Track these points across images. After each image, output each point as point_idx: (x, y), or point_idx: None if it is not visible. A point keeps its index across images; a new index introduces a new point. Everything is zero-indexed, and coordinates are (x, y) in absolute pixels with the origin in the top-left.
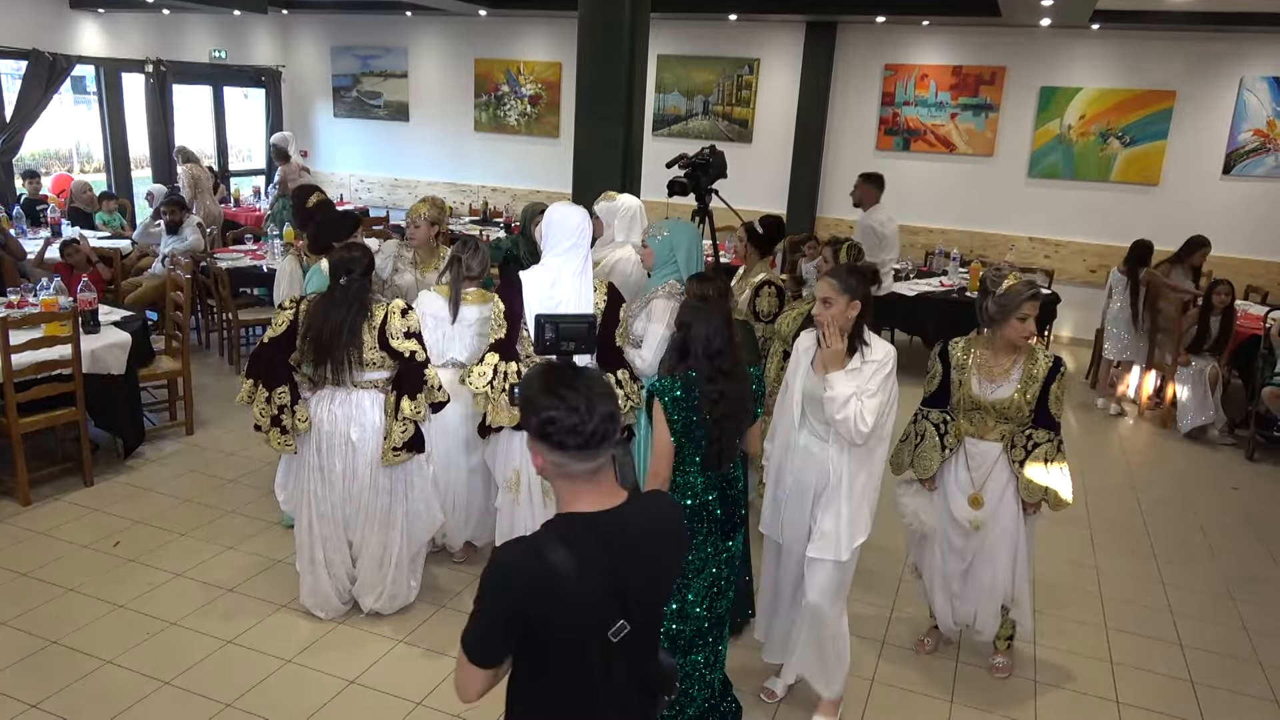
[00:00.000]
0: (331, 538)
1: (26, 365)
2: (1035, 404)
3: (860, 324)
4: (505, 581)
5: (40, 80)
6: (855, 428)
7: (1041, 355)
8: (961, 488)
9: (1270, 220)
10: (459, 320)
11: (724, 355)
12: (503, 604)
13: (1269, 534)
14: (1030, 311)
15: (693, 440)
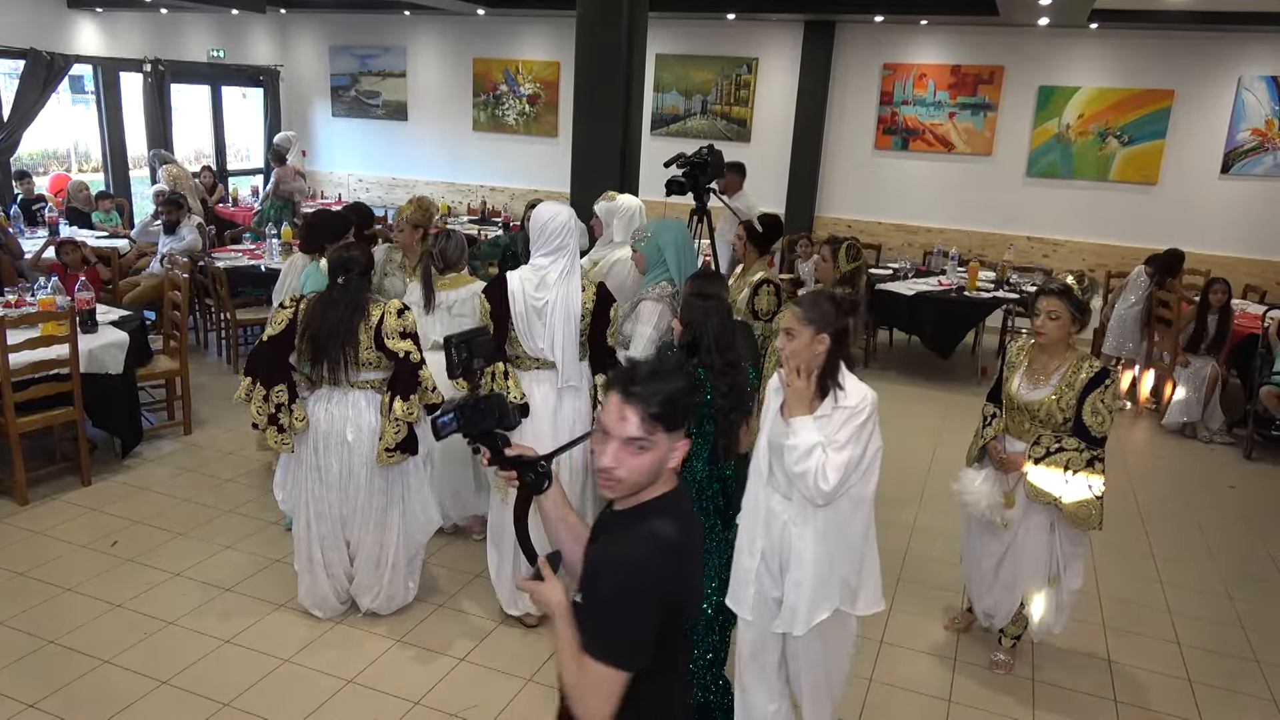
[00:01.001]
0: (329, 537)
1: (24, 365)
2: (1073, 412)
3: (835, 362)
4: (645, 568)
5: (38, 79)
6: (815, 484)
7: (1088, 365)
8: (999, 486)
9: (1268, 219)
10: (437, 305)
11: (732, 349)
12: (648, 592)
13: (1267, 533)
14: (1044, 307)
15: (702, 435)
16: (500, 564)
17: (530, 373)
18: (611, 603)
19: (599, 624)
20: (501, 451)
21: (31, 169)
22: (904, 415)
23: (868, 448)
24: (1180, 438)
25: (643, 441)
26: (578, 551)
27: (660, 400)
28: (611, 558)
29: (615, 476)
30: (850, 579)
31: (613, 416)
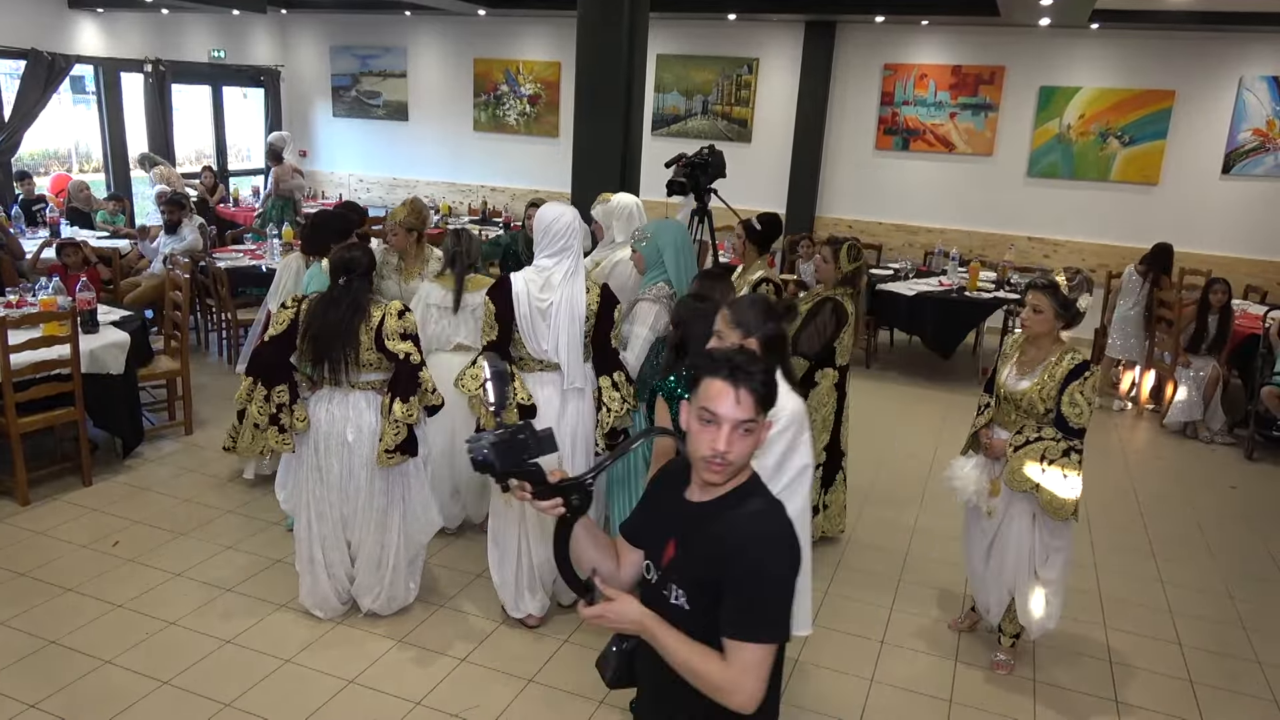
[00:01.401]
0: (330, 538)
1: (25, 365)
2: (1054, 403)
3: None
4: (791, 543)
5: (39, 80)
6: None
7: (1070, 357)
8: (987, 473)
9: (1269, 220)
10: (463, 306)
11: None
12: (795, 565)
13: (1268, 533)
14: (1029, 301)
15: None
16: (501, 564)
17: (534, 374)
18: (774, 583)
19: (765, 606)
20: (544, 481)
21: (32, 169)
22: (904, 416)
23: (783, 462)
24: (1181, 438)
25: (750, 423)
26: (607, 562)
27: (764, 380)
28: (759, 541)
29: (727, 460)
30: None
31: (725, 401)
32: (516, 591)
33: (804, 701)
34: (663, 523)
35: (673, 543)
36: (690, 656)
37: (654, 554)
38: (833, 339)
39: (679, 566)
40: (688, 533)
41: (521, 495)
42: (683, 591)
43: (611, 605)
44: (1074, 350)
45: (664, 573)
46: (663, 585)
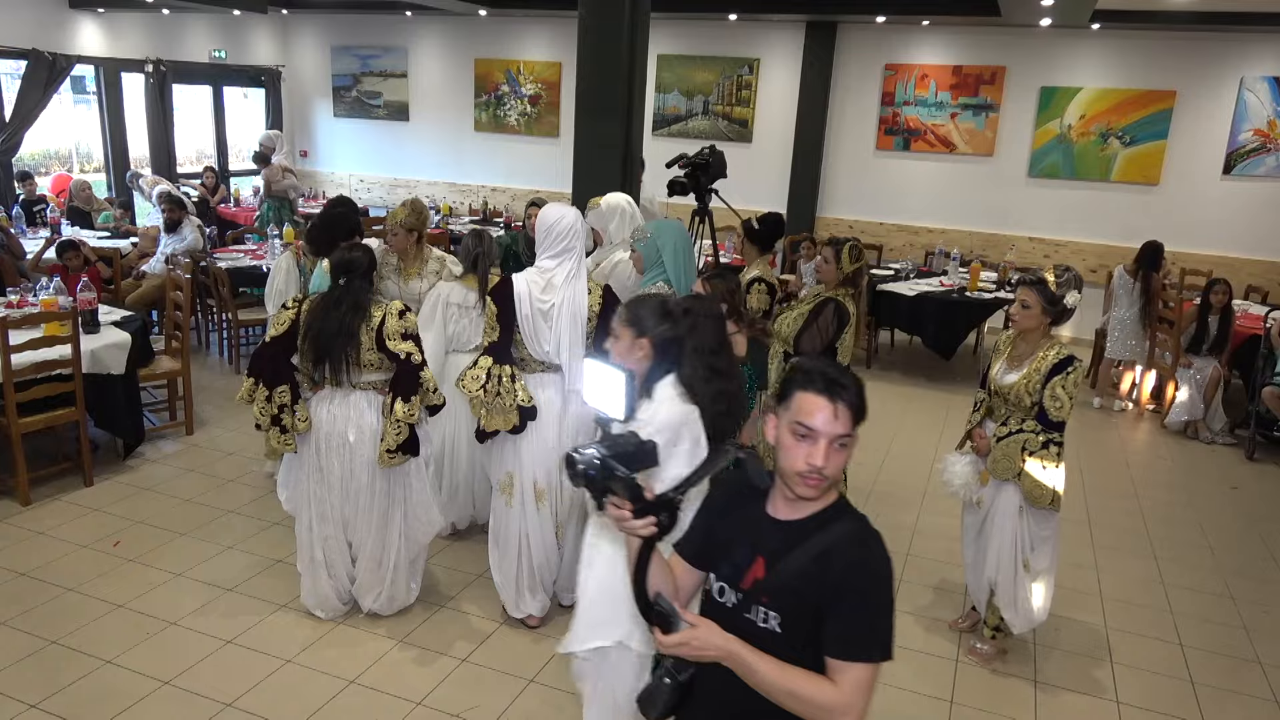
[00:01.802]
0: (331, 538)
1: (26, 365)
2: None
3: (656, 372)
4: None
5: (40, 80)
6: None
7: (1056, 351)
8: (977, 466)
9: (1270, 220)
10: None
11: (716, 354)
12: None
13: (1269, 533)
14: (1019, 296)
15: None
16: (502, 565)
17: (535, 375)
18: (883, 602)
19: (876, 625)
20: (644, 498)
21: (33, 169)
22: (905, 416)
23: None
24: (1182, 438)
25: (847, 438)
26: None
27: (859, 393)
28: (868, 560)
29: (824, 475)
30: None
31: (824, 416)
32: (517, 592)
33: None
34: (738, 540)
35: (760, 561)
36: (792, 679)
37: (730, 575)
38: (834, 339)
39: (770, 587)
40: (779, 551)
41: (619, 514)
42: (775, 614)
43: (696, 633)
44: (1060, 345)
45: (748, 594)
46: (746, 608)
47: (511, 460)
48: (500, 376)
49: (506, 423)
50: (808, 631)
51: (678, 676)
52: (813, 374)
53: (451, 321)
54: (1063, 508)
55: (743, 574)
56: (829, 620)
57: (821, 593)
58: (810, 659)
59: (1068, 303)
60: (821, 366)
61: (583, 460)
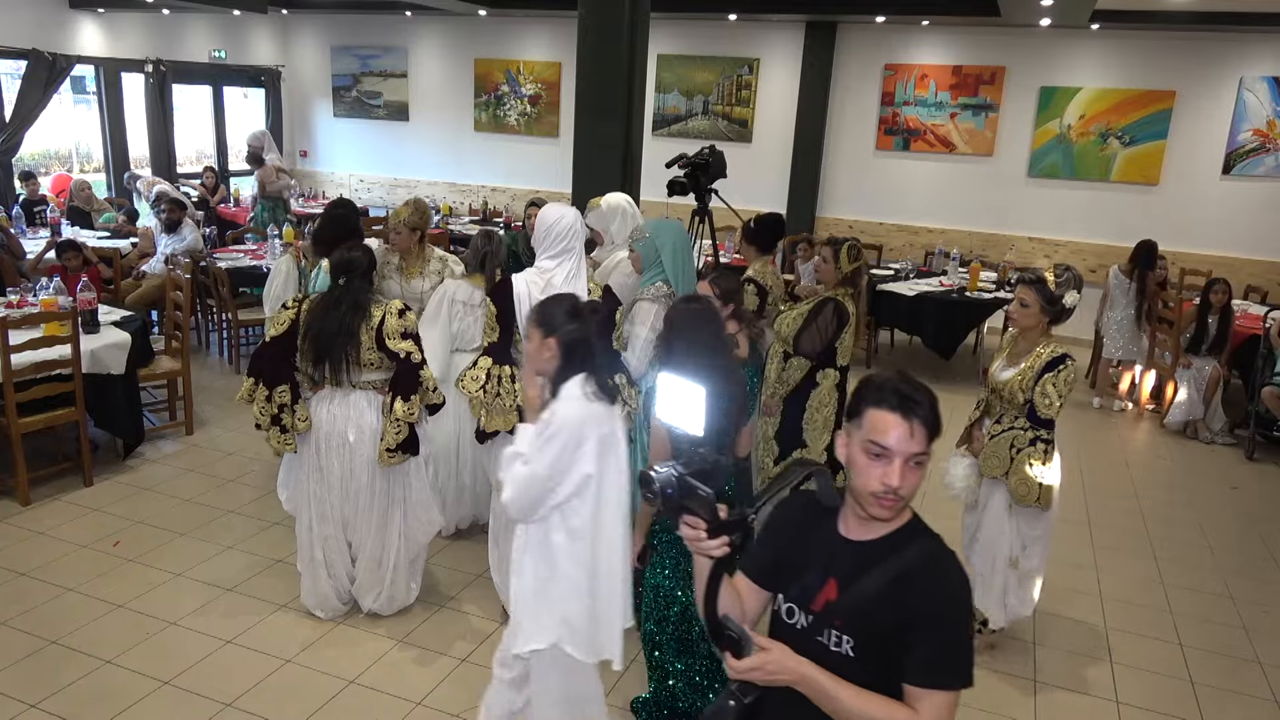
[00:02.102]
0: (331, 538)
1: (26, 365)
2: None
3: (565, 372)
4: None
5: (40, 80)
6: (503, 494)
7: (1051, 349)
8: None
9: (1270, 220)
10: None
11: (710, 354)
12: None
13: (1268, 533)
14: (1017, 295)
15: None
16: (502, 565)
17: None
18: (964, 628)
19: (959, 652)
20: (718, 517)
21: (33, 169)
22: None
23: (563, 471)
24: (1181, 438)
25: (923, 456)
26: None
27: (933, 409)
28: (949, 585)
29: (900, 495)
30: (574, 618)
31: (898, 434)
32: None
33: None
34: (808, 561)
35: (833, 583)
36: (870, 706)
37: (800, 596)
38: (834, 339)
39: (844, 610)
40: (852, 573)
41: (693, 534)
42: (849, 638)
43: (769, 657)
44: (1057, 344)
45: (819, 616)
46: (817, 631)
47: None
48: (500, 377)
49: (507, 423)
50: (882, 656)
51: (743, 699)
52: (885, 389)
53: (456, 319)
54: (1063, 508)
55: (813, 596)
56: (908, 646)
57: (899, 617)
58: (884, 684)
59: (1066, 303)
60: (895, 382)
61: (660, 479)
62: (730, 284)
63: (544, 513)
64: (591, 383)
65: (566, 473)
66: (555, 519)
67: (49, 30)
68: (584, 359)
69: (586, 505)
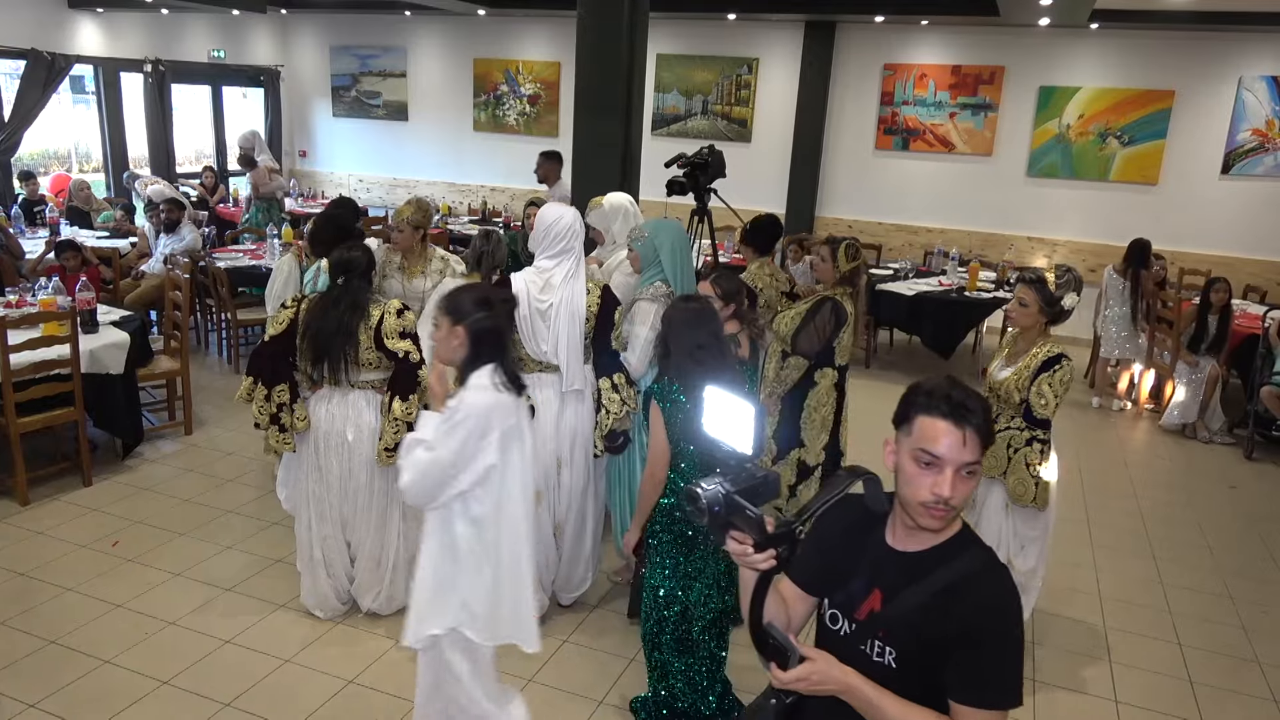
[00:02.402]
0: (330, 538)
1: (25, 365)
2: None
3: (473, 361)
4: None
5: (38, 80)
6: (400, 479)
7: (1048, 348)
8: None
9: (1269, 220)
10: None
11: (706, 354)
12: None
13: (1268, 533)
14: (1017, 294)
15: (690, 441)
16: None
17: (533, 376)
18: (1015, 645)
19: (1007, 670)
20: (765, 531)
21: (32, 169)
22: None
23: (468, 460)
24: (1180, 438)
25: (975, 465)
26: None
27: (986, 416)
28: (1000, 600)
29: (951, 505)
30: (474, 603)
31: (950, 442)
32: None
33: None
34: (854, 568)
35: (877, 593)
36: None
37: (844, 604)
38: (832, 339)
39: (887, 621)
40: (897, 583)
41: (741, 548)
42: (891, 649)
43: (815, 667)
44: (1054, 344)
45: (863, 625)
46: (860, 640)
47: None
48: None
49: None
50: (925, 669)
51: (784, 699)
52: (935, 396)
53: None
54: (1062, 507)
55: (857, 604)
56: (955, 663)
57: (944, 631)
58: (925, 697)
59: (1065, 304)
60: (945, 388)
61: (708, 497)
62: (732, 284)
63: (444, 500)
64: (500, 373)
65: (470, 462)
66: (457, 507)
67: (48, 30)
68: (493, 349)
69: (490, 495)
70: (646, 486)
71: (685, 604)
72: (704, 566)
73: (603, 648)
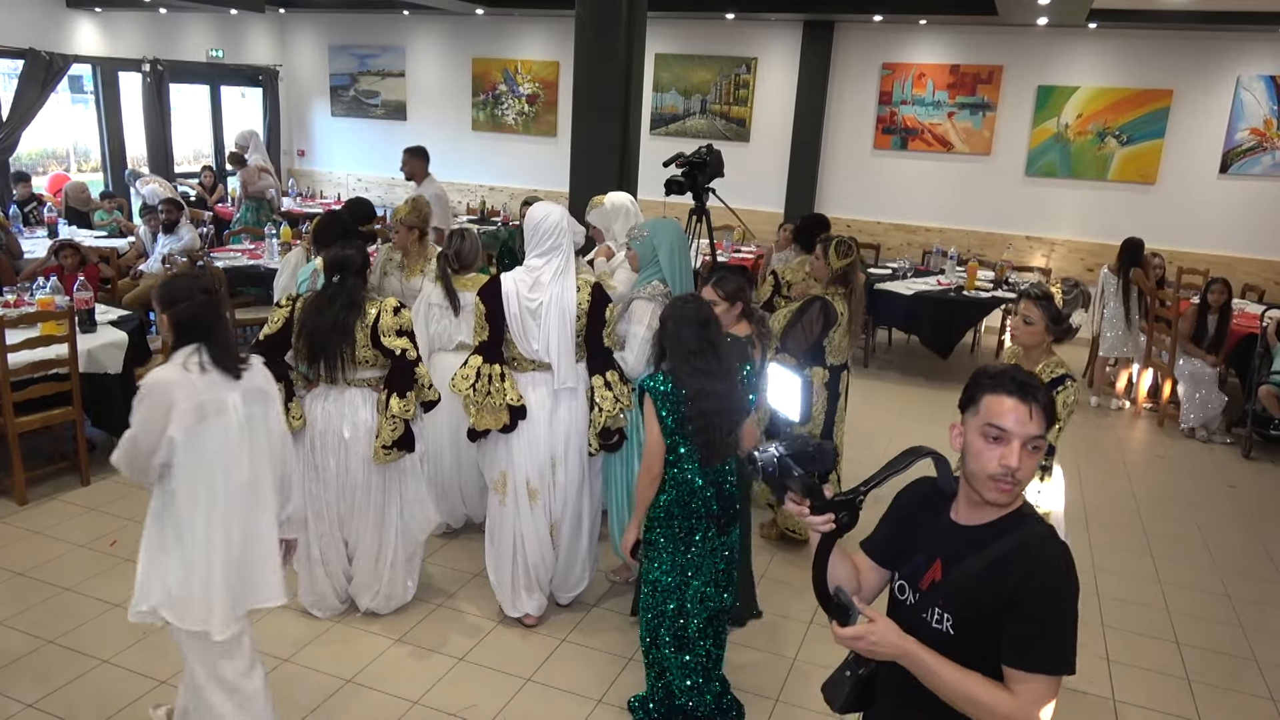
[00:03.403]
0: (327, 536)
1: (23, 364)
2: None
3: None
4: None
5: (37, 79)
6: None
7: (1051, 368)
8: None
9: (1267, 219)
10: (464, 306)
11: (702, 355)
12: None
13: (1266, 532)
14: (1021, 310)
15: (685, 436)
16: (498, 563)
17: (526, 374)
18: (1070, 612)
19: (1061, 636)
20: (823, 496)
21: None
22: (902, 415)
23: (153, 433)
24: (1179, 437)
25: (1040, 439)
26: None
27: (1050, 397)
28: (1055, 568)
29: (1017, 479)
30: (174, 585)
31: (1018, 418)
32: (513, 591)
33: (804, 701)
34: (921, 542)
35: (938, 564)
36: (970, 685)
37: (910, 574)
38: (821, 338)
39: (946, 590)
40: (957, 555)
41: (799, 510)
42: (949, 616)
43: (873, 628)
44: (1061, 363)
45: (925, 595)
46: (922, 609)
47: (504, 459)
48: (490, 375)
49: (497, 422)
50: (981, 636)
51: (858, 670)
52: (1001, 376)
53: (433, 321)
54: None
55: (921, 575)
56: (1007, 628)
57: (997, 599)
58: (982, 664)
59: (1073, 321)
60: (1010, 370)
61: (763, 459)
62: (734, 285)
63: (152, 476)
64: (202, 354)
65: (153, 436)
66: (166, 484)
67: (46, 29)
68: (196, 332)
69: (184, 473)
70: (642, 483)
71: (682, 600)
72: (701, 563)
73: (600, 647)
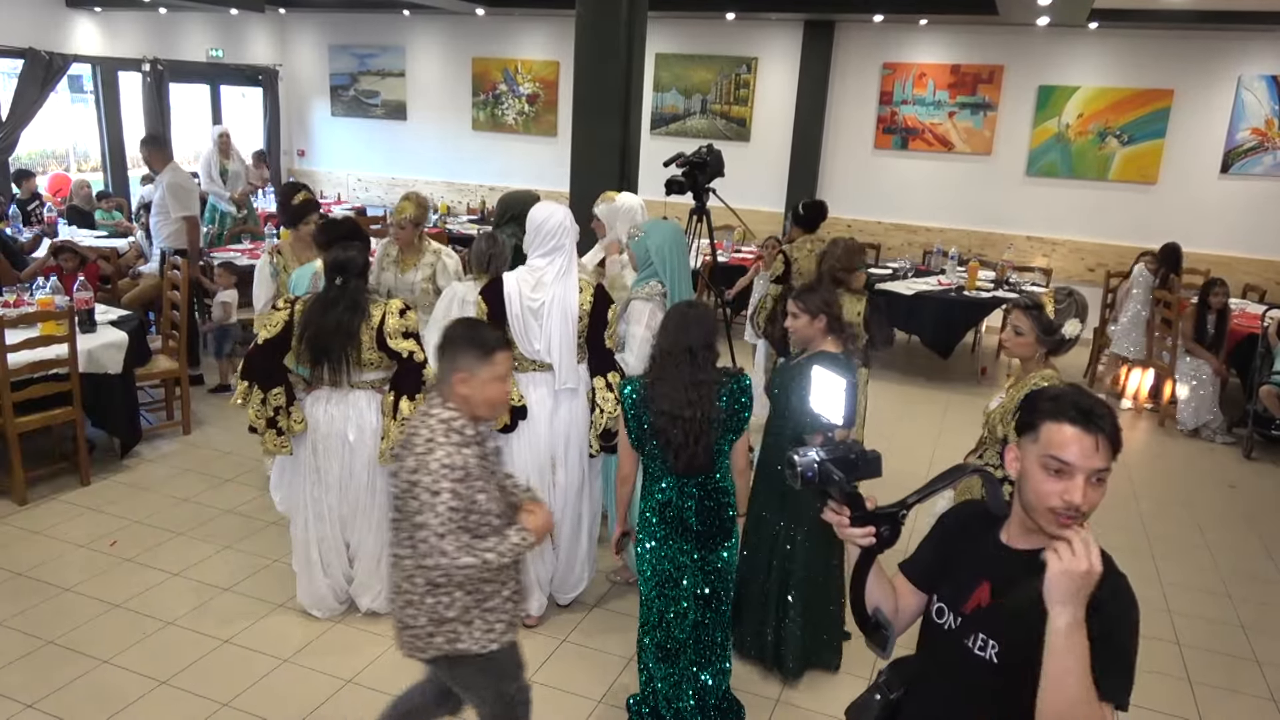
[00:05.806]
0: (328, 538)
1: (23, 364)
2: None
3: None
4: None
5: (36, 79)
6: None
7: (1038, 378)
8: None
9: (1268, 219)
10: None
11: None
12: None
13: (1266, 532)
14: (1011, 321)
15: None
16: None
17: (527, 375)
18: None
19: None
20: (864, 507)
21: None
22: (903, 415)
23: None
24: (1180, 437)
25: (1104, 472)
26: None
27: (1115, 422)
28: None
29: (1081, 514)
30: None
31: (1081, 449)
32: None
33: (804, 702)
34: (965, 564)
35: (986, 587)
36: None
37: (951, 597)
38: None
39: (994, 616)
40: (1011, 579)
41: (838, 519)
42: (994, 643)
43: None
44: (1052, 373)
45: (968, 620)
46: (964, 634)
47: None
48: None
49: (498, 422)
50: (1026, 665)
51: (888, 694)
52: (1062, 401)
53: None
54: None
55: (965, 598)
56: None
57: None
58: (1023, 695)
59: (1066, 332)
60: (1072, 394)
61: (802, 463)
62: (818, 300)
63: None
64: None
65: None
66: None
67: (46, 29)
68: None
69: None
70: (616, 483)
71: (664, 612)
72: (680, 578)
73: (600, 647)
